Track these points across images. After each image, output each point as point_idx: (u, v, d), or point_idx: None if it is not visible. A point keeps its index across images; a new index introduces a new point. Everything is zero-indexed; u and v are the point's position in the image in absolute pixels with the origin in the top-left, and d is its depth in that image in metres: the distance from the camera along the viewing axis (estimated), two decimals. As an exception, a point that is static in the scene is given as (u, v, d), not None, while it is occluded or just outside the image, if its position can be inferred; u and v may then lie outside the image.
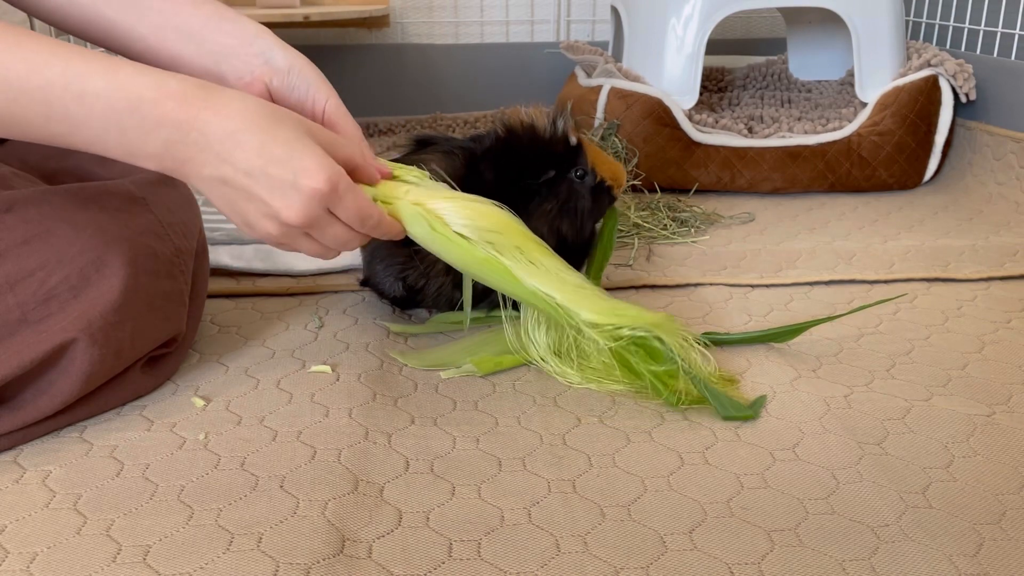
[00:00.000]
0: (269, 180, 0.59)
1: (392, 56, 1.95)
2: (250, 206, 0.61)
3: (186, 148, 0.58)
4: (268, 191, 0.59)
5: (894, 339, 0.87)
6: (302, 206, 0.60)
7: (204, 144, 0.58)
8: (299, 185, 0.59)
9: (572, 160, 0.84)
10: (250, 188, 0.59)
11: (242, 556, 0.54)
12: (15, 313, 0.64)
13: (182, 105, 0.57)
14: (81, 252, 0.66)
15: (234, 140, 0.58)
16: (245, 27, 0.71)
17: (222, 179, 0.59)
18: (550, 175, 0.82)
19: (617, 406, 0.73)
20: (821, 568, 0.53)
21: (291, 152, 0.59)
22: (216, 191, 0.60)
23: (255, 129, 0.58)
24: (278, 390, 0.76)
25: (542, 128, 0.83)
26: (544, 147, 0.82)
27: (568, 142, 0.83)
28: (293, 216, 0.60)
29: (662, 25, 1.47)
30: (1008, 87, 1.43)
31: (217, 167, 0.58)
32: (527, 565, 0.54)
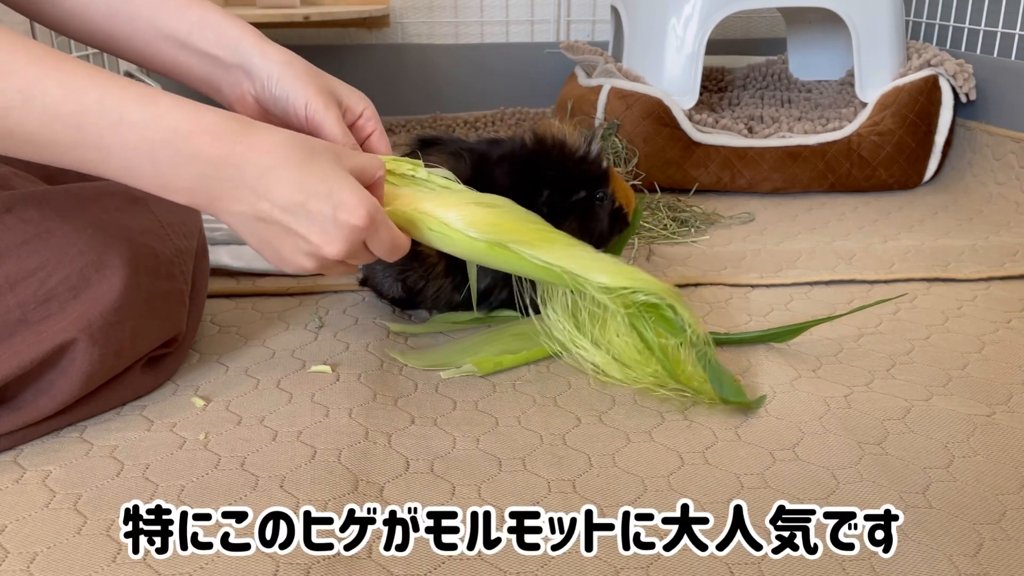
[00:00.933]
0: (309, 216, 0.58)
1: (392, 56, 1.95)
2: (286, 241, 0.60)
3: (220, 183, 0.57)
4: (307, 227, 0.59)
5: (894, 339, 0.87)
6: (342, 241, 0.60)
7: (239, 180, 0.57)
8: (339, 221, 0.59)
9: (599, 183, 0.84)
10: (289, 224, 0.59)
11: (243, 555, 0.54)
12: (15, 313, 0.64)
13: (217, 140, 0.56)
14: (81, 252, 0.66)
15: (272, 176, 0.57)
16: (226, 34, 0.69)
17: (257, 215, 0.59)
18: (580, 195, 0.82)
19: (617, 406, 0.73)
20: (821, 567, 0.53)
21: (330, 187, 0.59)
22: (249, 227, 0.60)
23: (291, 165, 0.58)
24: (278, 390, 0.76)
25: (575, 147, 0.82)
26: (578, 167, 0.82)
27: (601, 166, 0.83)
28: (334, 251, 0.60)
29: (662, 25, 1.47)
30: (1008, 87, 1.43)
31: (253, 203, 0.58)
32: (527, 565, 0.54)
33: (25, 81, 0.54)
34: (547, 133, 0.83)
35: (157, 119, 0.55)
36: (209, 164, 0.56)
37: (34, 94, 0.54)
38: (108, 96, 0.55)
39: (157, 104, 0.56)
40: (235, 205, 0.58)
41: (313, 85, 0.69)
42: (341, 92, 0.72)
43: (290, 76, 0.68)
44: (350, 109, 0.73)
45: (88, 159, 0.56)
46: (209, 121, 0.57)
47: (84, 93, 0.54)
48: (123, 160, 0.56)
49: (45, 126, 0.54)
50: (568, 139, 0.83)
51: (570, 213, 0.83)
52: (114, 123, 0.55)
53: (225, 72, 0.70)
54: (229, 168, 0.57)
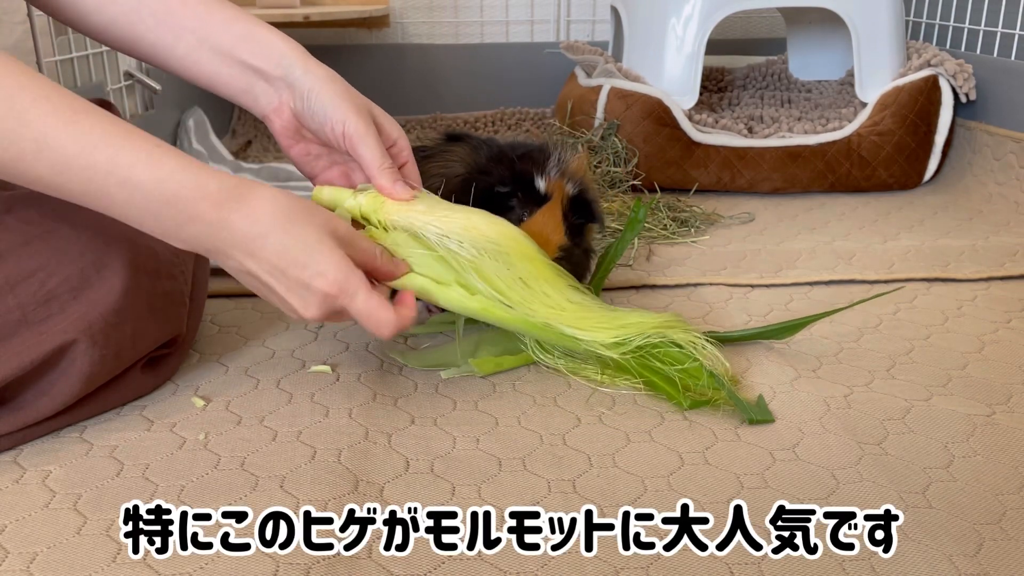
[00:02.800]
0: (287, 280, 0.63)
1: (392, 56, 1.95)
2: (274, 297, 0.65)
3: (215, 242, 0.62)
4: (286, 290, 0.63)
5: (894, 339, 0.87)
6: (316, 307, 0.63)
7: (232, 242, 0.62)
8: (313, 288, 0.62)
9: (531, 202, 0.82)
10: (272, 285, 0.63)
11: (243, 555, 0.54)
12: (15, 314, 0.64)
13: (214, 207, 0.60)
14: (81, 253, 0.66)
15: (259, 242, 0.62)
16: (272, 48, 0.72)
17: (248, 272, 0.63)
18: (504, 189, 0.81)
19: (617, 406, 0.73)
20: (821, 567, 0.53)
21: (309, 256, 0.62)
22: (243, 279, 0.65)
23: (279, 232, 0.62)
24: (278, 390, 0.76)
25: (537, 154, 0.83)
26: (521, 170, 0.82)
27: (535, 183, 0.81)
28: (310, 315, 0.64)
29: (662, 25, 1.47)
30: (1008, 87, 1.43)
31: (243, 262, 0.62)
32: (527, 565, 0.54)
33: (42, 132, 0.56)
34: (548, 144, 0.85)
35: (162, 183, 0.59)
36: (207, 226, 0.61)
37: (48, 145, 0.57)
38: (119, 156, 0.58)
39: (163, 167, 0.59)
40: (229, 261, 0.63)
41: (353, 105, 0.71)
42: (379, 116, 0.75)
43: (330, 93, 0.71)
44: (386, 134, 0.74)
45: (96, 206, 0.60)
46: (210, 188, 0.61)
47: (96, 151, 0.58)
48: (128, 212, 0.60)
49: (57, 175, 0.58)
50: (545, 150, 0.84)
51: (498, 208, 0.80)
52: (121, 182, 0.58)
53: (266, 84, 0.72)
54: (224, 232, 0.61)
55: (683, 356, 0.74)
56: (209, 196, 0.60)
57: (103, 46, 1.36)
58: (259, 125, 1.83)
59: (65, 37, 1.25)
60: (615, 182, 1.36)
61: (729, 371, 0.76)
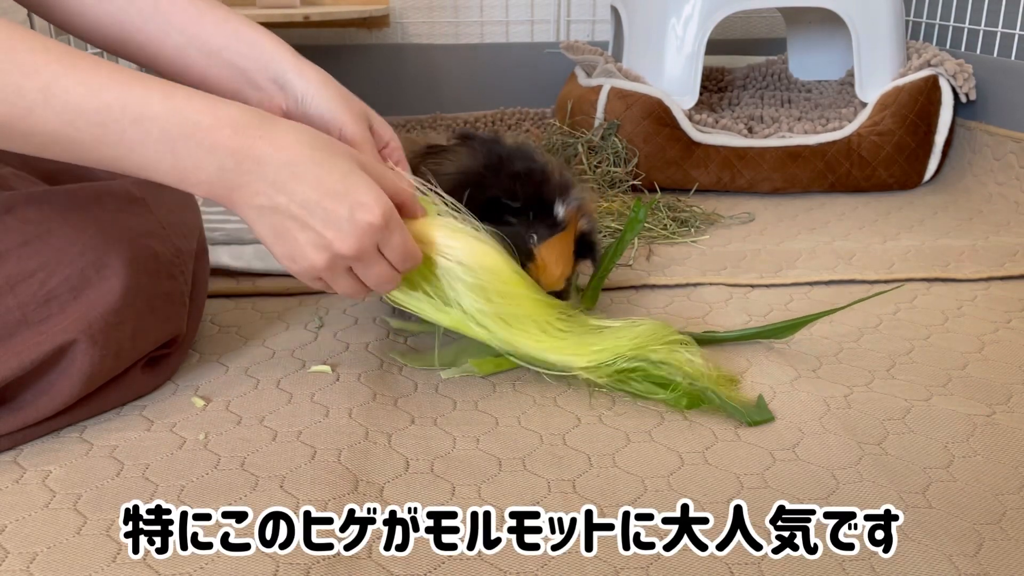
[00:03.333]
0: (325, 212, 0.60)
1: (392, 56, 1.95)
2: (301, 235, 0.61)
3: (239, 176, 0.58)
4: (323, 223, 0.60)
5: (894, 339, 0.87)
6: (356, 239, 0.61)
7: (259, 173, 0.58)
8: (355, 219, 0.60)
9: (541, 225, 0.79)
10: (304, 219, 0.60)
11: (243, 555, 0.54)
12: (15, 314, 0.64)
13: (237, 133, 0.57)
14: (81, 253, 0.66)
15: (290, 171, 0.59)
16: (263, 49, 0.70)
17: (274, 208, 0.60)
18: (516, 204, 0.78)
19: (617, 406, 0.73)
20: (821, 567, 0.53)
21: (347, 185, 0.60)
22: (265, 219, 0.61)
23: (310, 162, 0.59)
24: (278, 390, 0.76)
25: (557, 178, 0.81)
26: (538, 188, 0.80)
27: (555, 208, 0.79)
28: (346, 247, 0.61)
29: (662, 25, 1.47)
30: (1008, 87, 1.43)
31: (271, 196, 0.59)
32: (527, 565, 0.54)
33: (46, 80, 0.54)
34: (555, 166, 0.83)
35: (177, 112, 0.56)
36: (229, 157, 0.57)
37: (55, 92, 0.54)
38: (129, 92, 0.55)
39: (176, 97, 0.57)
40: (253, 198, 0.59)
41: (350, 109, 0.70)
42: (372, 118, 0.74)
43: (326, 97, 0.70)
44: (378, 136, 0.74)
45: (109, 155, 0.57)
46: (229, 114, 0.58)
47: (105, 90, 0.55)
48: (144, 154, 0.57)
49: (68, 124, 0.55)
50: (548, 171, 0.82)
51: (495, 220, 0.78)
52: (136, 118, 0.55)
53: (256, 86, 0.71)
54: (248, 162, 0.58)
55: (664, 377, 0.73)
56: (229, 123, 0.57)
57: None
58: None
59: (65, 37, 1.25)
60: (615, 182, 1.36)
61: (717, 373, 0.76)
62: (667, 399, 0.72)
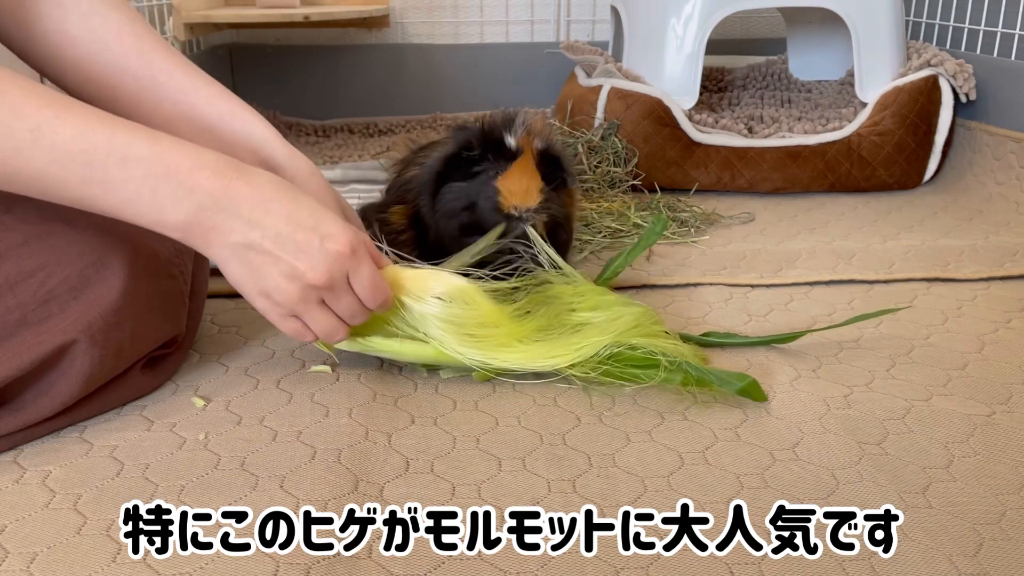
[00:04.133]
0: (296, 244, 0.63)
1: (392, 56, 1.95)
2: (273, 269, 0.64)
3: (216, 214, 0.61)
4: (294, 254, 0.63)
5: (894, 339, 0.87)
6: (326, 267, 0.64)
7: (234, 211, 0.62)
8: (324, 248, 0.64)
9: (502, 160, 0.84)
10: (276, 252, 0.63)
11: (243, 555, 0.54)
12: (15, 314, 0.64)
13: (216, 175, 0.61)
14: (81, 253, 0.66)
15: (263, 208, 0.62)
16: (253, 131, 0.74)
17: (248, 244, 0.63)
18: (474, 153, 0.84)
19: (617, 406, 0.73)
20: (821, 567, 0.53)
21: (316, 219, 0.64)
22: (239, 257, 0.64)
23: (282, 199, 0.63)
24: (278, 390, 0.76)
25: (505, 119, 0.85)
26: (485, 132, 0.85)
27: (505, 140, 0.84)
28: (318, 276, 0.64)
29: (662, 25, 1.47)
30: (1008, 87, 1.43)
31: (245, 233, 0.62)
32: (527, 565, 0.54)
33: (37, 121, 0.57)
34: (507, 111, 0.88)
35: (161, 155, 0.60)
36: (208, 197, 0.61)
37: (45, 133, 0.57)
38: (116, 135, 0.59)
39: (160, 142, 0.60)
40: (228, 236, 0.62)
41: (334, 201, 0.75)
42: (347, 210, 0.78)
43: (314, 188, 0.74)
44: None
45: (91, 194, 0.59)
46: (209, 159, 0.62)
47: (93, 133, 0.58)
48: (126, 193, 0.60)
49: (54, 162, 0.58)
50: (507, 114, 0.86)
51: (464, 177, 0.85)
52: (121, 159, 0.59)
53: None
54: (225, 200, 0.61)
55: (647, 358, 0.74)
56: (208, 166, 0.61)
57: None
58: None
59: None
60: (615, 182, 1.36)
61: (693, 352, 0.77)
62: (660, 379, 0.73)
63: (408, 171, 0.91)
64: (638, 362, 0.74)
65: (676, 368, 0.73)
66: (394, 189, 0.94)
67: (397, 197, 0.91)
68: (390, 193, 0.96)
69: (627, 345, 0.74)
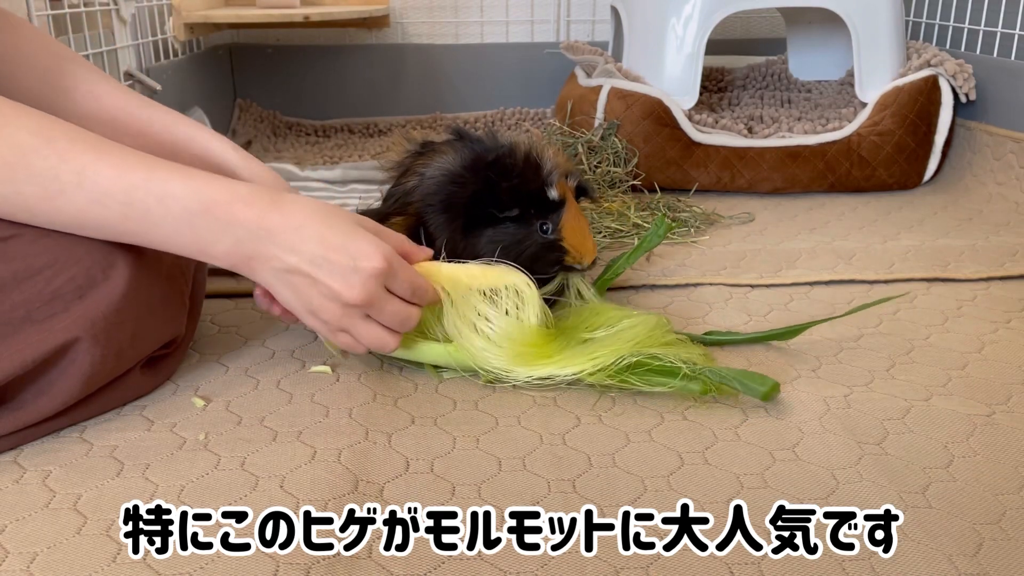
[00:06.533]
0: (331, 265, 0.65)
1: (392, 56, 1.95)
2: (314, 291, 0.67)
3: (254, 244, 0.64)
4: (330, 275, 0.65)
5: (894, 339, 0.87)
6: (362, 285, 0.66)
7: (270, 240, 0.65)
8: (359, 267, 0.66)
9: (544, 211, 0.82)
10: (314, 274, 0.65)
11: (243, 555, 0.54)
12: (20, 311, 0.64)
13: (250, 207, 0.64)
14: (87, 252, 0.66)
15: (297, 234, 0.65)
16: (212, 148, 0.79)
17: (288, 269, 0.66)
18: (513, 213, 0.80)
19: (617, 406, 0.73)
20: (821, 567, 0.53)
21: (347, 240, 0.66)
22: (282, 280, 0.67)
23: (314, 223, 0.65)
24: (278, 390, 0.76)
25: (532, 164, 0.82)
26: (521, 187, 0.80)
27: (547, 193, 0.81)
28: (355, 296, 0.66)
29: (662, 25, 1.47)
30: (1008, 87, 1.43)
31: (283, 259, 0.65)
32: (527, 565, 0.54)
33: (81, 164, 0.61)
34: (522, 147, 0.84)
35: (197, 191, 0.63)
36: (244, 228, 0.64)
37: (88, 175, 0.61)
38: (154, 174, 0.62)
39: (195, 178, 0.63)
40: (269, 262, 0.66)
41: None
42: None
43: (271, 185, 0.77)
44: None
45: (133, 230, 0.63)
46: (243, 191, 0.65)
47: (132, 172, 0.62)
48: (166, 229, 0.63)
49: (95, 203, 0.61)
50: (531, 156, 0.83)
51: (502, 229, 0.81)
52: (160, 197, 0.62)
53: None
54: (261, 231, 0.64)
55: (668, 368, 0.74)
56: (243, 199, 0.64)
57: (102, 48, 1.36)
58: (259, 125, 1.83)
59: (64, 38, 1.25)
60: (615, 182, 1.36)
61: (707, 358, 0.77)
62: (679, 387, 0.73)
63: (407, 179, 0.89)
64: (657, 371, 0.74)
65: (696, 375, 0.73)
66: (393, 199, 0.91)
67: (396, 208, 0.88)
68: (388, 202, 0.93)
69: (647, 354, 0.74)
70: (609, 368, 0.73)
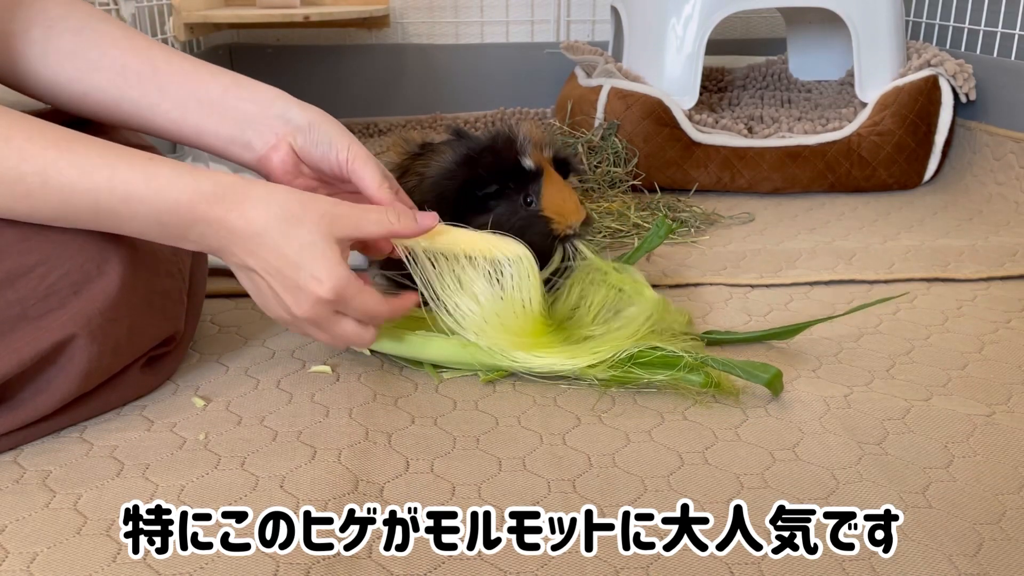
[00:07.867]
0: (283, 279, 0.66)
1: (392, 56, 1.95)
2: (270, 293, 0.68)
3: (218, 240, 0.65)
4: (282, 288, 0.66)
5: (894, 339, 0.87)
6: (309, 306, 0.66)
7: (231, 239, 0.65)
8: (307, 290, 0.65)
9: (523, 183, 0.82)
10: (270, 281, 0.66)
11: (243, 555, 0.54)
12: (15, 309, 0.64)
13: (213, 207, 0.64)
14: (81, 249, 0.66)
15: (256, 241, 0.65)
16: (263, 92, 0.76)
17: (248, 268, 0.67)
18: (491, 189, 0.81)
19: (617, 406, 0.73)
20: (821, 567, 0.53)
21: (303, 257, 0.65)
22: (244, 275, 0.69)
23: (273, 232, 0.65)
24: (278, 390, 0.76)
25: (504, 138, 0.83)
26: (496, 162, 0.82)
27: (522, 163, 0.82)
28: (301, 312, 0.67)
29: (662, 25, 1.47)
30: (1008, 87, 1.43)
31: (244, 259, 0.66)
32: (527, 565, 0.54)
33: (43, 164, 0.60)
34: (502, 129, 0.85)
35: (159, 192, 0.62)
36: (208, 226, 0.64)
37: (51, 175, 0.60)
38: (116, 175, 0.61)
39: (158, 178, 0.63)
40: (232, 257, 0.67)
41: (351, 137, 0.75)
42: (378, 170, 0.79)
43: (330, 124, 0.75)
44: None
45: (107, 225, 0.64)
46: (207, 188, 0.64)
47: (95, 172, 0.61)
48: (136, 226, 0.64)
49: (64, 203, 0.61)
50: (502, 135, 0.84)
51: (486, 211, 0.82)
52: (124, 198, 0.62)
53: (259, 125, 0.74)
54: (223, 231, 0.65)
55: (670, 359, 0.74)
56: (206, 197, 0.63)
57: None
58: (259, 125, 1.83)
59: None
60: (615, 182, 1.36)
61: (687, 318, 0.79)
62: (680, 378, 0.73)
63: (407, 179, 0.90)
64: (660, 362, 0.74)
65: (698, 366, 0.73)
66: None
67: None
68: None
69: (648, 346, 0.74)
70: (610, 360, 0.74)
